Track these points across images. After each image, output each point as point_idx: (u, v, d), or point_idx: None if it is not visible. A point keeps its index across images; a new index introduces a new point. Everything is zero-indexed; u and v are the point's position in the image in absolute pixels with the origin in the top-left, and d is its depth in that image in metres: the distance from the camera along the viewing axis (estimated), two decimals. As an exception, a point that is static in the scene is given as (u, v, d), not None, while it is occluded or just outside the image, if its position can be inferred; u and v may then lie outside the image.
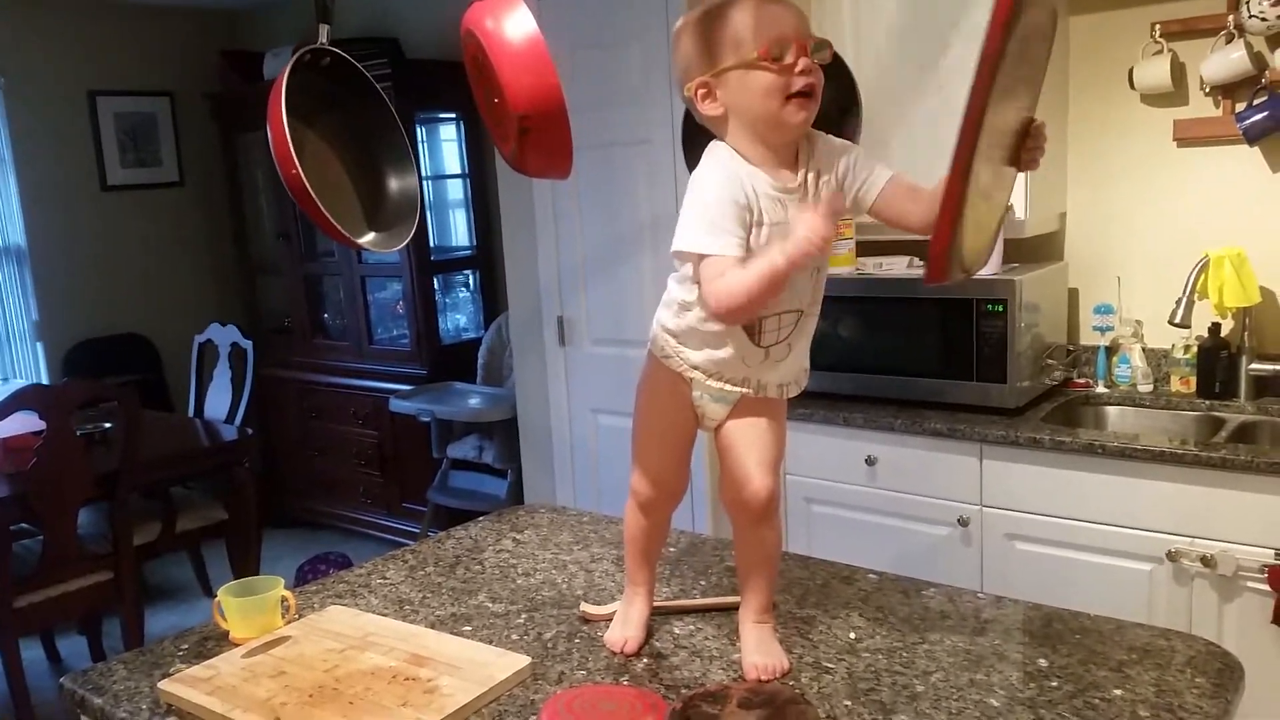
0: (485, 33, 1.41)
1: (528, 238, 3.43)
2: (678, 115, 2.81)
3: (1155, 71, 2.64)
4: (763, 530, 1.38)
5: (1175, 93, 2.66)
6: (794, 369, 1.37)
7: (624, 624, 1.45)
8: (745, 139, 1.27)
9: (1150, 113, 2.73)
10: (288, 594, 1.54)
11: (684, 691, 1.29)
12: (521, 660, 1.37)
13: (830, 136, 1.33)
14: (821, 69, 1.25)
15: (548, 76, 1.38)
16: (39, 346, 4.82)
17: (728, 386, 1.34)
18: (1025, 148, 1.21)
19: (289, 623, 1.53)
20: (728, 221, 1.23)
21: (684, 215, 1.26)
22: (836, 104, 1.28)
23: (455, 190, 4.73)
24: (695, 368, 1.34)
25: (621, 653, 1.41)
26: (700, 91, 1.28)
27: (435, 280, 4.52)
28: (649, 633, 1.46)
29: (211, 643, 1.50)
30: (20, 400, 2.95)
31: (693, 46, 1.27)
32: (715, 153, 1.29)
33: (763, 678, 1.31)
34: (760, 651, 1.35)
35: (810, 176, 1.29)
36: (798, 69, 1.22)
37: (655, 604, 1.50)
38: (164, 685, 1.36)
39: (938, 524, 2.60)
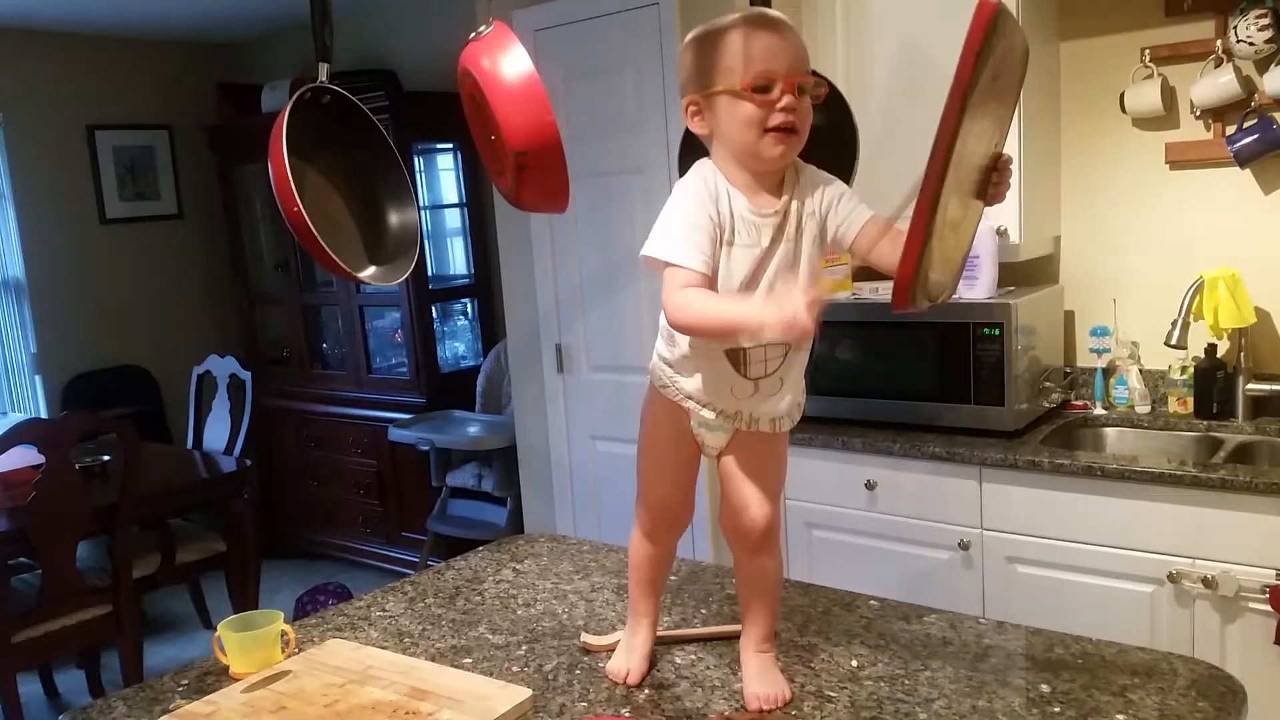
0: (481, 71, 1.42)
1: (525, 266, 3.44)
2: (672, 144, 2.83)
3: (1146, 95, 2.66)
4: (762, 559, 1.38)
5: (1166, 116, 2.68)
6: (787, 404, 1.37)
7: (627, 654, 1.45)
8: (728, 162, 1.29)
9: (1142, 136, 2.76)
10: (287, 628, 1.54)
11: (686, 722, 1.29)
12: (522, 693, 1.36)
13: (818, 170, 1.34)
14: (824, 108, 1.26)
15: (544, 114, 1.40)
16: (38, 379, 4.83)
17: (720, 418, 1.35)
18: (992, 181, 1.22)
19: (289, 657, 1.53)
20: (697, 235, 1.25)
21: (658, 222, 1.28)
22: (836, 154, 1.28)
23: (453, 219, 4.75)
24: (689, 397, 1.35)
25: (623, 683, 1.41)
26: (691, 109, 1.30)
27: (433, 309, 4.53)
28: (651, 663, 1.46)
29: (211, 678, 1.50)
30: (19, 434, 2.95)
31: (689, 64, 1.29)
32: (700, 168, 1.31)
33: (765, 707, 1.31)
34: (762, 681, 1.35)
35: (794, 206, 1.30)
36: (780, 105, 1.23)
37: (657, 633, 1.50)
38: (164, 722, 1.35)
39: (939, 548, 2.60)
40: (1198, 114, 2.65)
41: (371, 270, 1.83)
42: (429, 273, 4.55)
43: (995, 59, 1.08)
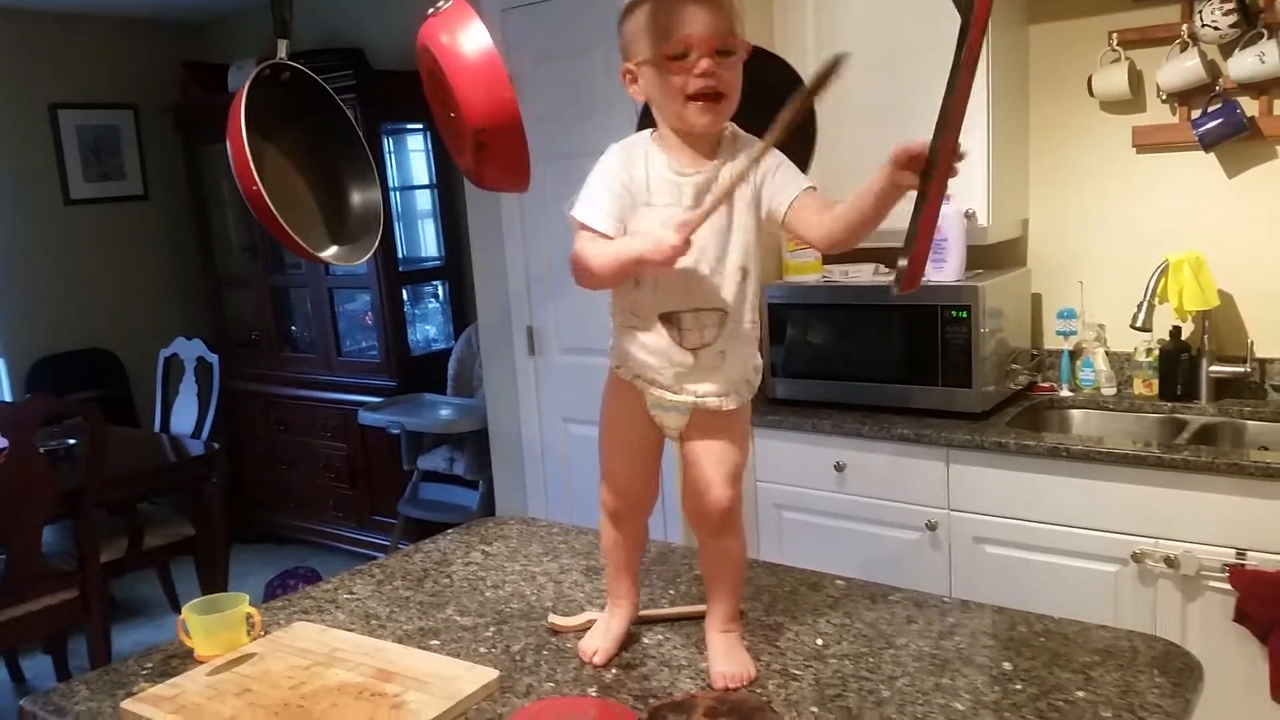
0: (440, 47, 1.41)
1: (496, 248, 3.42)
2: (644, 125, 2.82)
3: (1113, 79, 2.68)
4: (725, 540, 1.38)
5: (1133, 100, 2.70)
6: (732, 379, 1.35)
7: (601, 635, 1.45)
8: (664, 126, 1.32)
9: (1109, 119, 2.77)
10: (253, 610, 1.53)
11: (651, 701, 1.29)
12: (489, 673, 1.36)
13: (756, 139, 1.33)
14: (766, 75, 1.27)
15: (503, 91, 1.39)
16: (1, 362, 4.75)
17: (668, 395, 1.34)
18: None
19: (254, 639, 1.52)
20: (607, 198, 1.29)
21: (584, 186, 1.32)
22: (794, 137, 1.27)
23: (423, 201, 4.71)
24: (638, 375, 1.35)
25: (590, 662, 1.41)
26: (626, 78, 1.33)
27: (404, 291, 4.50)
28: (622, 646, 1.46)
29: (176, 661, 1.49)
30: (-19, 418, 2.91)
31: (622, 34, 1.31)
32: (635, 135, 1.35)
33: (730, 686, 1.32)
34: (727, 660, 1.35)
35: (726, 171, 1.29)
36: (697, 70, 1.23)
37: (625, 615, 1.50)
38: (126, 705, 1.34)
39: (906, 528, 2.62)
40: (1164, 98, 2.67)
41: (334, 250, 1.81)
42: (399, 255, 4.51)
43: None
